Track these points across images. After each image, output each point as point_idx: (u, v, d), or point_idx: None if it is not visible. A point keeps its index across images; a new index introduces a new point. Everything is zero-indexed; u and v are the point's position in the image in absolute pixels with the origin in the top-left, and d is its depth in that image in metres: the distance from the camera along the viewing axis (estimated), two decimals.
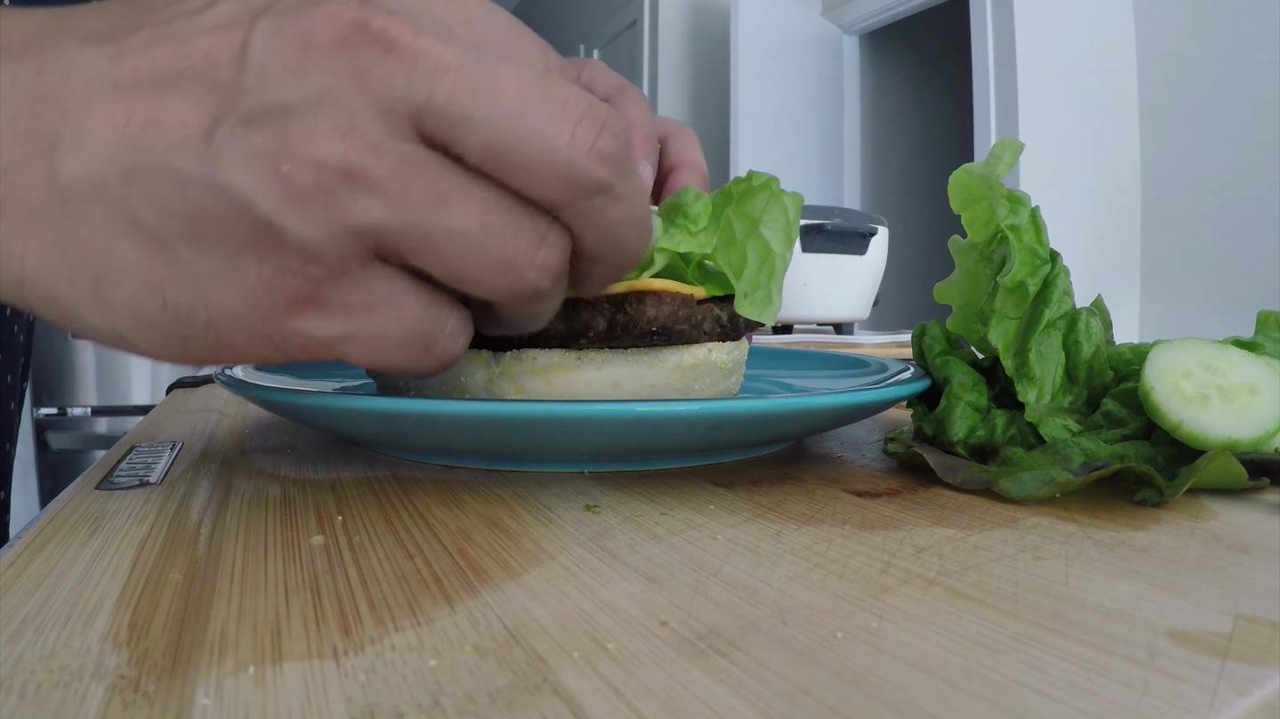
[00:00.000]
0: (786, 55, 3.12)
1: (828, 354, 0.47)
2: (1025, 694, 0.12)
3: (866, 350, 0.80)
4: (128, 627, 0.15)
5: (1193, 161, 2.46)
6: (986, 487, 0.25)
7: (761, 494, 0.25)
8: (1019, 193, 0.30)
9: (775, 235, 0.28)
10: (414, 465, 0.29)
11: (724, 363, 0.31)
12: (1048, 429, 0.28)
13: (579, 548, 0.20)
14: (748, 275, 0.28)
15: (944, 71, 3.94)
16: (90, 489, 0.26)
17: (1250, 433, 0.25)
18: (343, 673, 0.13)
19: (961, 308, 0.34)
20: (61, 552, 0.20)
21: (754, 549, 0.20)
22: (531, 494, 0.25)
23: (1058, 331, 0.30)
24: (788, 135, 3.16)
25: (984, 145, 2.52)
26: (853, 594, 0.17)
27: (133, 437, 0.36)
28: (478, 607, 0.16)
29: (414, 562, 0.19)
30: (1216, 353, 0.27)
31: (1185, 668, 0.13)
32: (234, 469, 0.29)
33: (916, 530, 0.21)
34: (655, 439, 0.25)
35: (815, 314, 1.30)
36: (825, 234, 1.24)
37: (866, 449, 0.33)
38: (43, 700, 0.12)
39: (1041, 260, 0.30)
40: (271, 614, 0.16)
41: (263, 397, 0.27)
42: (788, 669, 0.13)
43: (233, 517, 0.23)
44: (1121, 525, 0.22)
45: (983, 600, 0.16)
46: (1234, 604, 0.16)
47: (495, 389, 0.28)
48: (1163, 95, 2.54)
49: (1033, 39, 2.45)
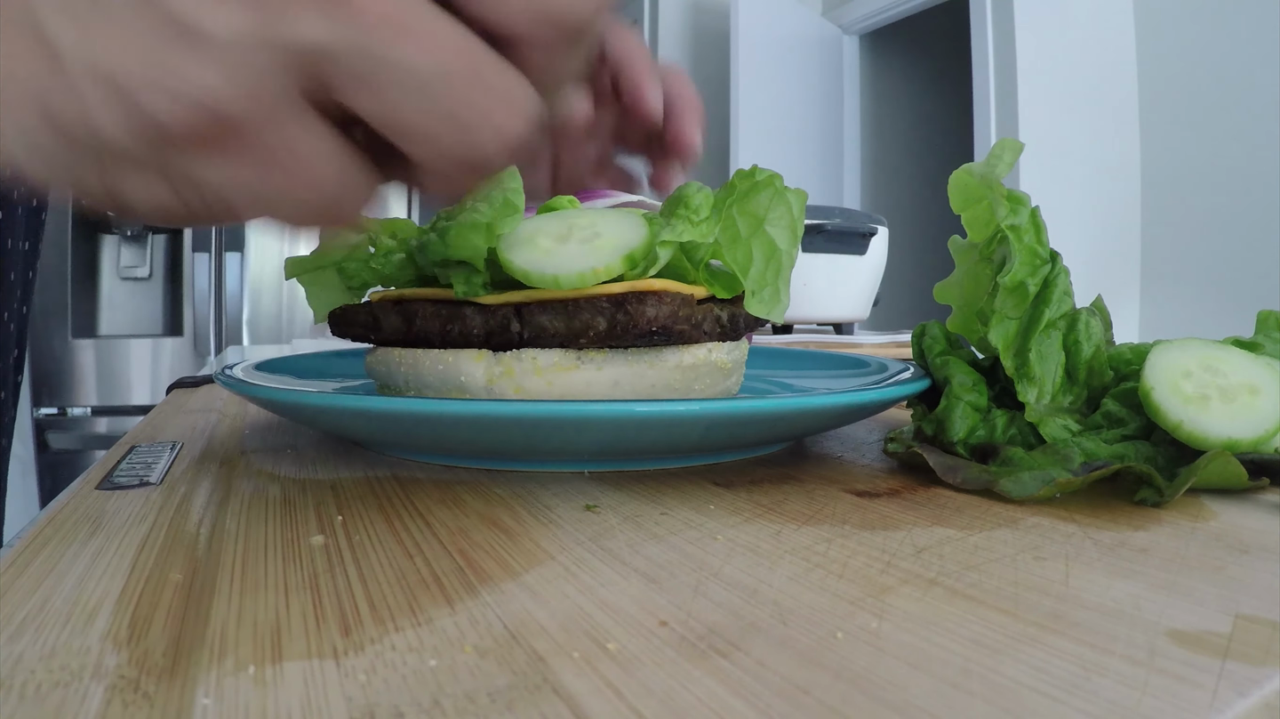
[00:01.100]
0: (786, 55, 3.12)
1: (828, 354, 0.47)
2: (1025, 694, 0.12)
3: (866, 350, 0.80)
4: (128, 627, 0.15)
5: (1193, 161, 2.46)
6: (987, 487, 0.25)
7: (761, 494, 0.25)
8: (1019, 193, 0.30)
9: (780, 233, 0.28)
10: (414, 465, 0.29)
11: (724, 363, 0.31)
12: (1048, 429, 0.28)
13: (579, 548, 0.20)
14: (754, 273, 0.28)
15: (944, 71, 3.94)
16: (90, 489, 0.26)
17: (1250, 433, 0.25)
18: (343, 673, 0.13)
19: (961, 308, 0.34)
20: (61, 552, 0.20)
21: (754, 549, 0.20)
22: (531, 494, 0.25)
23: (1058, 331, 0.30)
24: (788, 135, 3.16)
25: (984, 145, 2.52)
26: (853, 594, 0.17)
27: (133, 437, 0.36)
28: (478, 607, 0.16)
29: (414, 562, 0.19)
30: (1217, 353, 0.27)
31: (1185, 668, 0.13)
32: (234, 469, 0.29)
33: (916, 530, 0.21)
34: (655, 439, 0.25)
35: (815, 314, 1.30)
36: (825, 234, 1.24)
37: (866, 449, 0.33)
38: (43, 700, 0.12)
39: (1041, 260, 0.30)
40: (271, 614, 0.16)
41: (263, 396, 0.27)
42: (788, 669, 0.13)
43: (233, 517, 0.23)
44: (1121, 525, 0.22)
45: (983, 600, 0.16)
46: (1234, 604, 0.16)
47: (495, 389, 0.28)
48: (1163, 95, 2.54)
49: (1033, 39, 2.45)
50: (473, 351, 0.28)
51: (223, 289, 2.37)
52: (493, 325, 0.28)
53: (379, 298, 0.31)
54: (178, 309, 2.41)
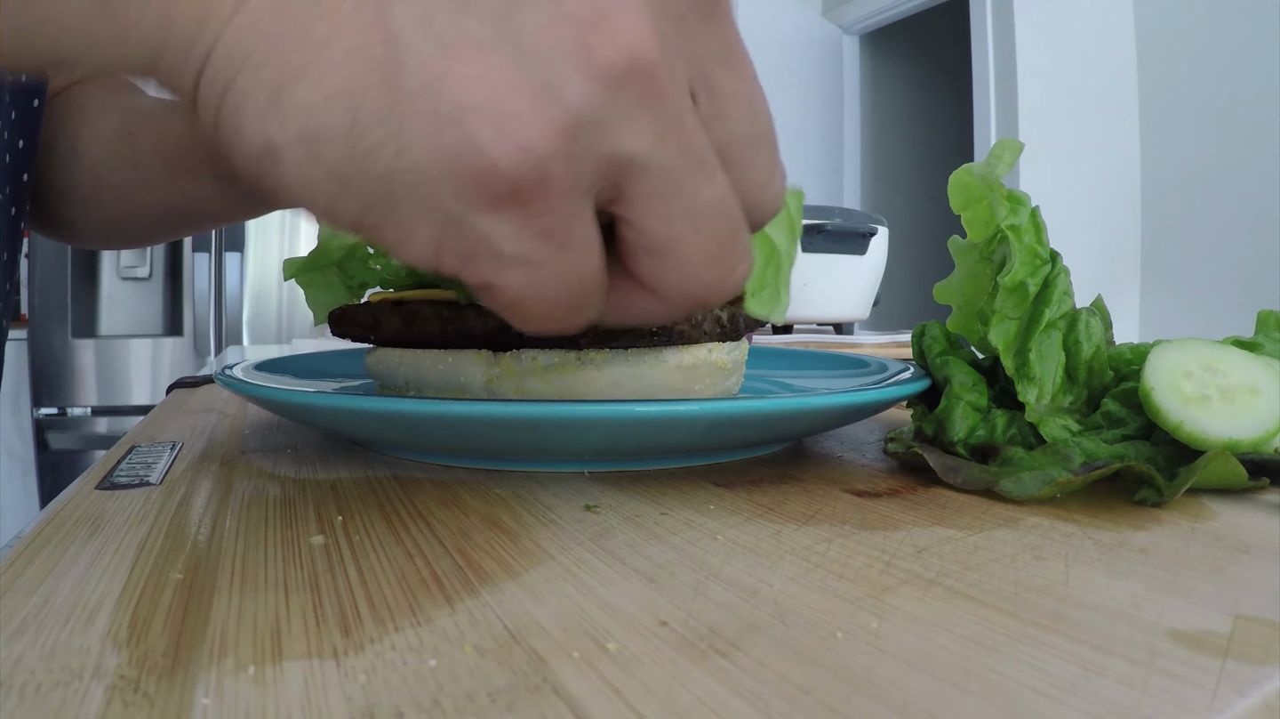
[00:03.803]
0: (786, 55, 3.12)
1: (828, 354, 0.47)
2: (1025, 694, 0.12)
3: (866, 350, 0.80)
4: (128, 627, 0.15)
5: (1193, 161, 2.46)
6: (987, 487, 0.25)
7: (761, 494, 0.25)
8: (1019, 193, 0.30)
9: (780, 233, 0.28)
10: (414, 465, 0.29)
11: (724, 363, 0.31)
12: (1048, 429, 0.28)
13: (579, 548, 0.20)
14: (754, 274, 0.28)
15: (944, 71, 3.94)
16: (90, 489, 0.26)
17: (1250, 433, 0.25)
18: (343, 673, 0.13)
19: (961, 308, 0.34)
20: (61, 552, 0.20)
21: (754, 549, 0.20)
22: (531, 494, 0.25)
23: (1058, 331, 0.30)
24: (787, 135, 3.15)
25: (984, 145, 2.52)
26: (853, 594, 0.17)
27: (133, 436, 0.36)
28: (478, 607, 0.16)
29: (414, 562, 0.19)
30: (1217, 353, 0.27)
31: (1185, 668, 0.13)
32: (234, 469, 0.29)
33: (916, 530, 0.21)
34: (655, 439, 0.25)
35: (815, 314, 1.30)
36: (825, 234, 1.24)
37: (866, 449, 0.33)
38: (43, 700, 0.12)
39: (1041, 260, 0.30)
40: (271, 614, 0.16)
41: (263, 396, 0.27)
42: (788, 669, 0.13)
43: (233, 517, 0.23)
44: (1121, 525, 0.22)
45: (983, 600, 0.16)
46: (1234, 604, 0.16)
47: (495, 389, 0.28)
48: (1163, 95, 2.54)
49: (1033, 39, 2.45)
50: (473, 352, 0.28)
51: (223, 289, 2.37)
52: (493, 326, 0.28)
53: (379, 299, 0.31)
54: (178, 309, 2.41)
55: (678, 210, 0.17)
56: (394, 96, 0.15)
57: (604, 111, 0.16)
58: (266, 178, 0.16)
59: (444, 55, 0.15)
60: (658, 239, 0.18)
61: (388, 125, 0.15)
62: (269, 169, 0.16)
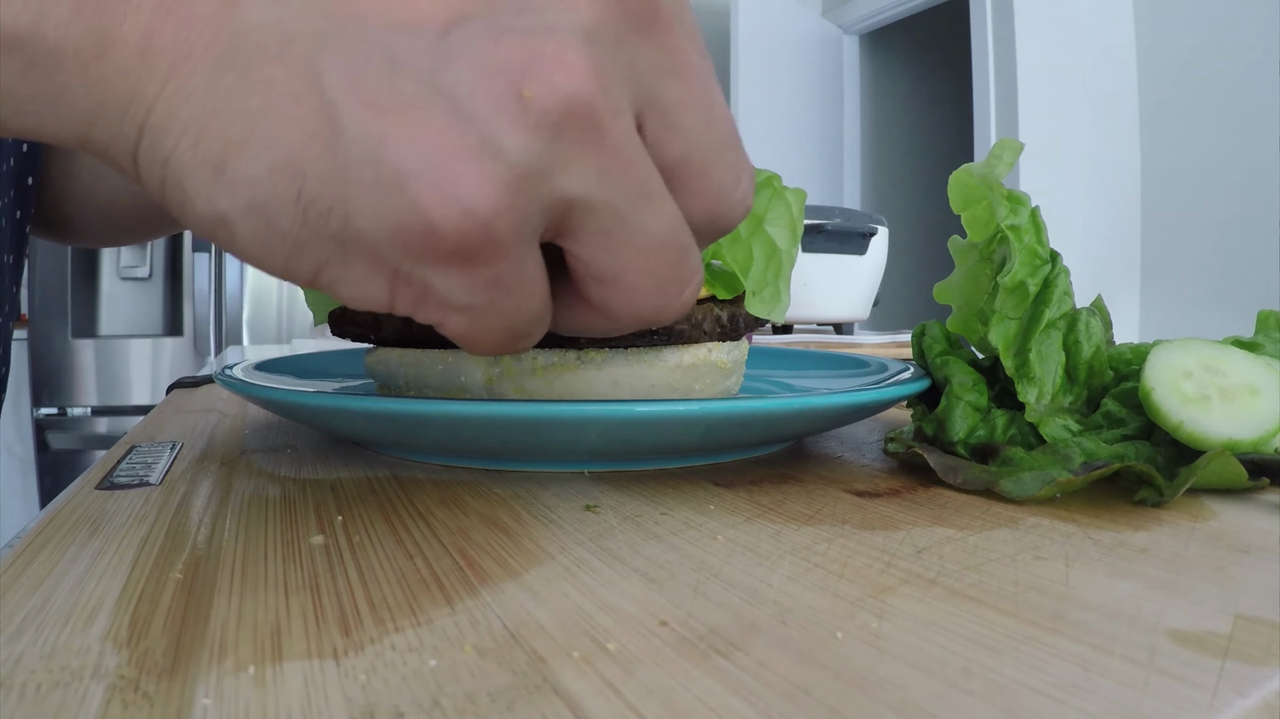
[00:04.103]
0: (786, 55, 3.13)
1: (828, 354, 0.47)
2: (1025, 694, 0.12)
3: (866, 350, 0.80)
4: (128, 627, 0.15)
5: (1193, 161, 2.46)
6: (987, 487, 0.25)
7: (761, 494, 0.25)
8: (1019, 193, 0.30)
9: (780, 233, 0.28)
10: (414, 465, 0.29)
11: (724, 363, 0.31)
12: (1048, 429, 0.28)
13: (579, 548, 0.20)
14: (755, 273, 0.28)
15: (944, 71, 3.94)
16: (90, 489, 0.26)
17: (1250, 433, 0.25)
18: (343, 673, 0.13)
19: (961, 308, 0.34)
20: (61, 552, 0.20)
21: (754, 549, 0.20)
22: (531, 494, 0.25)
23: (1058, 331, 0.30)
24: (788, 135, 3.16)
25: (984, 145, 2.52)
26: (853, 594, 0.17)
27: (133, 436, 0.36)
28: (478, 607, 0.16)
29: (414, 562, 0.19)
30: (1217, 353, 0.27)
31: (1185, 668, 0.13)
32: (234, 469, 0.29)
33: (916, 530, 0.21)
34: (655, 439, 0.25)
35: (815, 314, 1.30)
36: (825, 234, 1.24)
37: (866, 449, 0.33)
38: (43, 700, 0.12)
39: (1041, 260, 0.30)
40: (271, 614, 0.16)
41: (263, 396, 0.27)
42: (788, 669, 0.13)
43: (233, 517, 0.23)
44: (1121, 525, 0.22)
45: (983, 600, 0.16)
46: (1234, 604, 0.16)
47: (495, 389, 0.28)
48: (1163, 95, 2.54)
49: (1033, 39, 2.45)
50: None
51: (223, 289, 2.37)
52: None
53: None
54: (178, 309, 2.41)
55: (623, 244, 0.17)
56: (335, 164, 0.15)
57: (545, 160, 0.16)
58: (221, 244, 0.17)
59: (380, 119, 0.15)
60: (605, 271, 0.18)
61: (334, 191, 0.15)
62: (224, 237, 0.17)
